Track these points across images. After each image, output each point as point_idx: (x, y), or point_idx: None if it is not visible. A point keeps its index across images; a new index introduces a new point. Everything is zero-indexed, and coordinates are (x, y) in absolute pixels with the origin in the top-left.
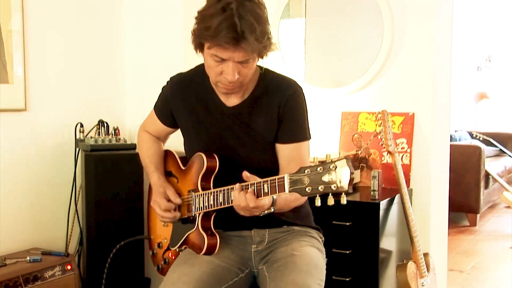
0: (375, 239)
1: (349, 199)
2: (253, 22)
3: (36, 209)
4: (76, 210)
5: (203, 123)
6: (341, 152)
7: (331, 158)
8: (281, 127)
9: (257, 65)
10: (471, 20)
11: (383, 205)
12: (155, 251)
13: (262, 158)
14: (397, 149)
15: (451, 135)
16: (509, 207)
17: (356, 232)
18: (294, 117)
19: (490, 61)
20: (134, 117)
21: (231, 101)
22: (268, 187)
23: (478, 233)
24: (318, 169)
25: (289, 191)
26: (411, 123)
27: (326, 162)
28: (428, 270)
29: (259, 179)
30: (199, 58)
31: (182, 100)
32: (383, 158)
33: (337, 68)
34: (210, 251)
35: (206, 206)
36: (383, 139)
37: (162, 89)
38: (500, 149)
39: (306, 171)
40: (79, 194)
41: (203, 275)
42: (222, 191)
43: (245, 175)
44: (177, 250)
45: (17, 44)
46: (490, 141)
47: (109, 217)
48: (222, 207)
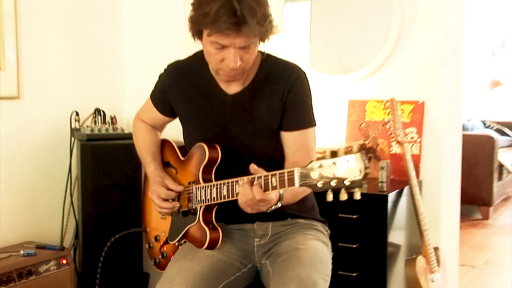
0: (383, 232)
1: (353, 195)
2: (254, 5)
3: (30, 201)
4: (72, 202)
5: (203, 112)
6: (354, 145)
7: (345, 151)
8: (285, 114)
9: (258, 50)
10: (485, 4)
11: (391, 197)
12: (151, 244)
13: (266, 147)
14: (407, 138)
15: (463, 124)
16: None
17: (363, 226)
18: (299, 103)
19: (504, 46)
20: (132, 105)
21: (232, 88)
22: (277, 180)
23: (491, 227)
24: (331, 162)
25: (300, 186)
26: (421, 112)
27: (339, 155)
28: (438, 265)
29: (267, 172)
30: (200, 45)
31: (180, 88)
32: (391, 148)
33: (343, 53)
34: (212, 245)
35: (208, 199)
36: (391, 128)
37: (159, 77)
38: None
39: (318, 165)
40: (74, 185)
41: (203, 270)
42: (226, 183)
43: (252, 167)
44: (176, 244)
45: (9, 29)
46: (504, 130)
47: (106, 209)
48: (225, 200)
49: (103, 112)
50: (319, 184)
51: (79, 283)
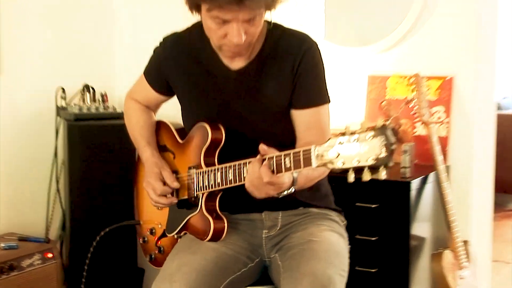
0: (405, 224)
1: (375, 177)
2: None
3: (11, 188)
4: (58, 189)
5: (204, 89)
6: (378, 120)
7: (367, 126)
8: (295, 90)
9: (265, 20)
10: None
11: (415, 184)
12: (146, 238)
13: (275, 127)
14: (433, 118)
15: (497, 102)
16: None
17: (383, 216)
18: (311, 77)
19: None
20: (125, 81)
21: (236, 63)
22: (291, 161)
23: None
24: (352, 139)
25: (317, 166)
26: (450, 89)
27: (360, 130)
28: (468, 260)
29: (278, 152)
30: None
31: (177, 63)
32: (416, 130)
33: (363, 23)
34: (216, 237)
35: (212, 185)
36: (416, 107)
37: (154, 51)
38: None
39: (338, 141)
40: (61, 171)
41: (206, 264)
42: (233, 166)
43: (261, 148)
44: (175, 236)
45: None
46: None
47: (96, 198)
48: (231, 185)
49: (92, 88)
50: (339, 164)
51: (66, 279)
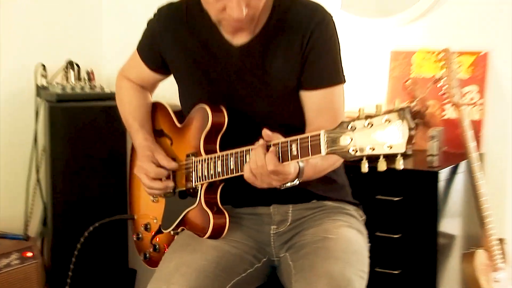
0: (432, 219)
1: (392, 166)
2: None
3: None
4: (38, 180)
5: (203, 67)
6: (395, 102)
7: (383, 110)
8: (306, 68)
9: None
10: None
11: (444, 174)
12: (140, 234)
13: (282, 110)
14: (465, 100)
15: None
16: None
17: (407, 211)
18: (323, 54)
19: None
20: (114, 57)
21: (239, 38)
22: (298, 148)
23: None
24: (366, 123)
25: (327, 153)
26: (484, 66)
27: (376, 114)
28: (504, 261)
29: (285, 138)
30: None
31: (174, 37)
32: (445, 113)
33: None
34: (216, 233)
35: (212, 175)
36: (445, 87)
37: (148, 24)
38: None
39: (350, 126)
40: (41, 159)
41: (208, 264)
42: (235, 154)
43: (265, 133)
44: (172, 233)
45: None
46: None
47: (82, 189)
48: (233, 175)
49: (77, 65)
50: (351, 151)
51: (47, 280)
